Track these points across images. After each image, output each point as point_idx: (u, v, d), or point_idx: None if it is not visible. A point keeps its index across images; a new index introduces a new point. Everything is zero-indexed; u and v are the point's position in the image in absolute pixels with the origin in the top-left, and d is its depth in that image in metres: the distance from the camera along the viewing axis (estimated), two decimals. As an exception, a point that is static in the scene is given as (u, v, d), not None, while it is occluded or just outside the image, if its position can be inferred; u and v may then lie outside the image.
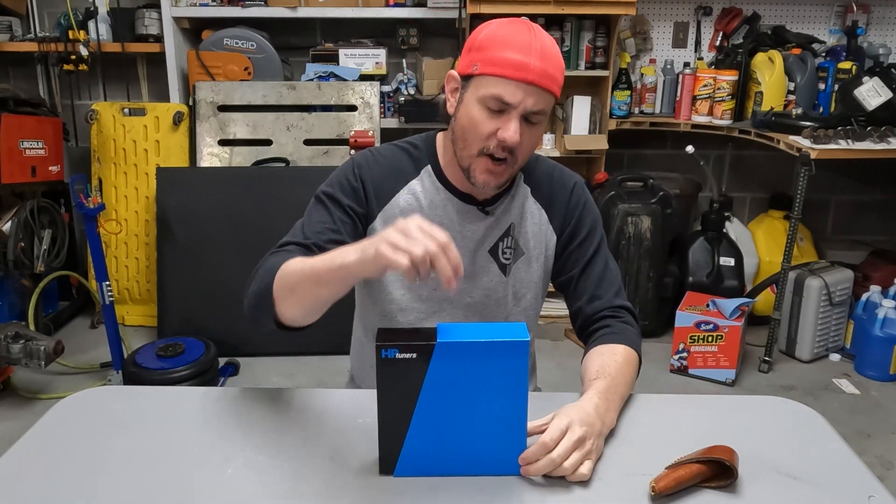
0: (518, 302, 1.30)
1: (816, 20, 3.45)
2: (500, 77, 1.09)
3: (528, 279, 1.29)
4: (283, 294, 1.05)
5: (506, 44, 1.10)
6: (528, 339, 0.92)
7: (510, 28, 1.13)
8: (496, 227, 1.26)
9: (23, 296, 2.93)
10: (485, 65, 1.11)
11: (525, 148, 1.14)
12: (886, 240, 3.70)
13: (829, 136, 2.68)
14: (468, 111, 1.13)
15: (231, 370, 2.82)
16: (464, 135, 1.15)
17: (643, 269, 3.10)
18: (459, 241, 1.23)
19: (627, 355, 1.18)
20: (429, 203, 1.24)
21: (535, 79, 1.08)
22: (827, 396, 2.77)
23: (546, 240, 1.29)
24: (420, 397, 0.92)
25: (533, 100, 1.09)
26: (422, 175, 1.25)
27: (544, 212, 1.29)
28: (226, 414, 1.13)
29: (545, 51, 1.10)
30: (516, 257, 1.28)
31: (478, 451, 0.96)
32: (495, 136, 1.11)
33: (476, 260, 1.26)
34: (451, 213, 1.24)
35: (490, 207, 1.24)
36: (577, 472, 0.95)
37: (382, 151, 1.27)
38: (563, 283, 1.32)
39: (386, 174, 1.24)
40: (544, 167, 1.32)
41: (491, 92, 1.10)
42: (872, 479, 0.99)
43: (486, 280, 1.27)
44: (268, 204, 2.96)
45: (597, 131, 3.29)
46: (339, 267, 0.96)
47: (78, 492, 0.93)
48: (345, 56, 3.30)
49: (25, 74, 3.48)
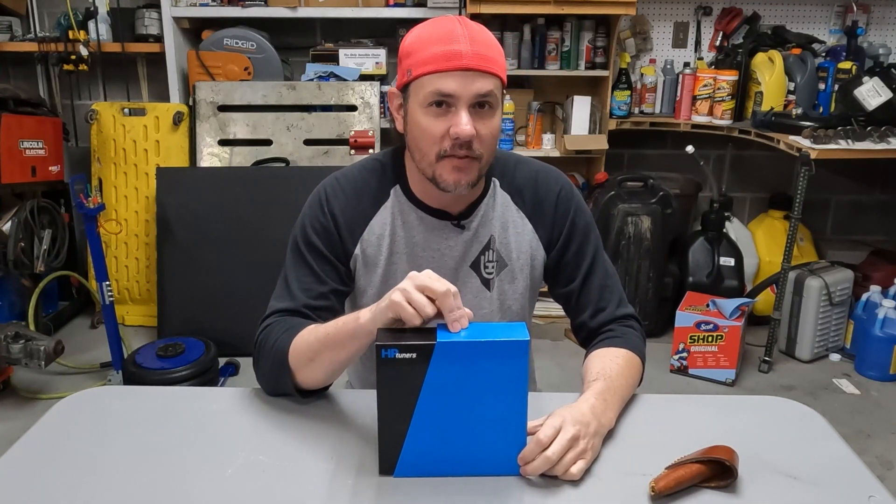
0: (505, 314, 1.26)
1: (816, 20, 3.45)
2: (433, 73, 1.05)
3: (512, 291, 1.25)
4: (301, 364, 1.08)
5: (431, 40, 1.06)
6: (528, 338, 0.92)
7: (433, 25, 1.09)
8: (475, 242, 1.22)
9: (23, 296, 2.93)
10: (416, 67, 1.07)
11: (485, 139, 1.09)
12: (886, 240, 3.70)
13: (829, 136, 2.68)
14: (415, 120, 1.09)
15: (231, 370, 2.83)
16: (418, 144, 1.10)
17: (643, 269, 3.10)
18: (438, 261, 1.21)
19: (629, 359, 1.17)
20: (402, 224, 1.20)
21: (470, 63, 1.04)
22: (827, 396, 2.77)
23: (532, 251, 1.25)
24: (420, 397, 0.92)
25: (476, 85, 1.05)
26: (392, 196, 1.21)
27: (528, 221, 1.24)
28: (226, 414, 1.13)
29: (474, 35, 1.06)
30: (499, 269, 1.23)
31: (478, 451, 0.96)
32: (448, 135, 1.06)
33: (458, 276, 1.22)
34: (426, 233, 1.20)
35: (465, 221, 1.20)
36: (568, 471, 0.94)
37: (350, 177, 1.22)
38: (562, 295, 1.28)
39: (356, 202, 1.20)
40: (525, 172, 1.25)
41: (429, 90, 1.05)
42: (872, 479, 0.99)
43: (470, 297, 1.23)
44: (268, 204, 2.96)
45: (597, 131, 3.29)
46: (353, 330, 0.99)
47: (78, 492, 0.93)
48: (345, 56, 3.30)
49: (25, 74, 3.48)
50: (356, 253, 1.21)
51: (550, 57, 3.23)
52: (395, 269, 1.21)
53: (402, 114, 1.14)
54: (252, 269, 2.93)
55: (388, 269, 1.21)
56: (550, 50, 3.22)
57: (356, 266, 1.22)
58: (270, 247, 2.83)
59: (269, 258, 2.75)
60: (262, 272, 2.85)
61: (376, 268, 1.21)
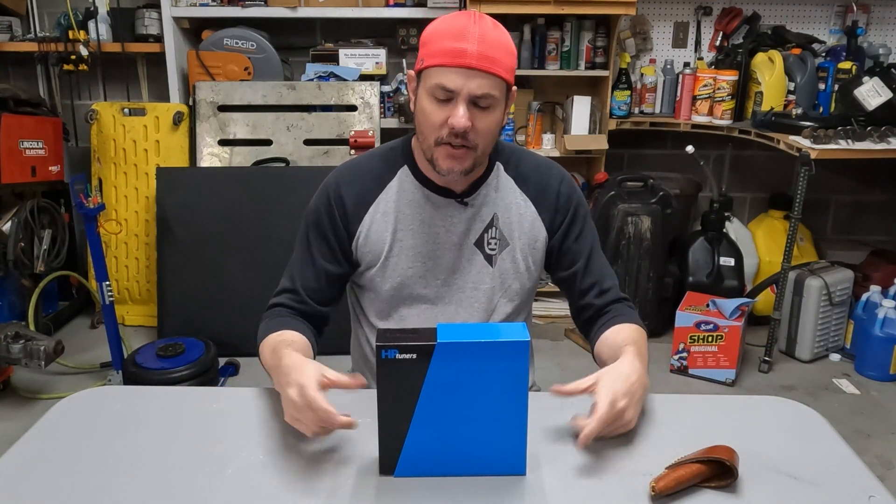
0: (505, 292, 1.31)
1: (816, 20, 3.45)
2: (440, 66, 1.12)
3: (513, 269, 1.30)
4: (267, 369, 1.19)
5: (445, 34, 1.13)
6: (528, 339, 0.92)
7: (451, 19, 1.15)
8: (478, 219, 1.28)
9: (23, 296, 2.93)
10: (428, 58, 1.14)
11: (481, 132, 1.15)
12: (886, 240, 3.70)
13: (829, 136, 2.68)
14: (421, 104, 1.17)
15: (231, 370, 2.82)
16: (421, 127, 1.19)
17: (643, 269, 3.10)
18: (443, 236, 1.27)
19: (642, 332, 1.26)
20: (408, 202, 1.27)
21: (474, 62, 1.10)
22: (827, 396, 2.77)
23: (534, 233, 1.30)
24: (420, 398, 0.92)
25: (475, 83, 1.11)
26: (398, 176, 1.28)
27: (531, 204, 1.30)
28: (226, 414, 1.13)
29: (485, 35, 1.12)
30: (501, 248, 1.29)
31: (478, 451, 0.96)
32: (447, 124, 1.13)
33: (462, 253, 1.28)
34: (431, 210, 1.27)
35: (469, 198, 1.27)
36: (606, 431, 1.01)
37: (358, 162, 1.31)
38: (565, 278, 1.34)
39: (362, 185, 1.28)
40: (529, 161, 1.33)
41: (434, 82, 1.12)
42: (873, 479, 0.99)
43: (474, 272, 1.29)
44: (268, 204, 2.96)
45: (597, 131, 3.29)
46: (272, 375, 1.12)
47: (78, 492, 0.94)
48: (345, 56, 3.30)
49: (25, 74, 3.47)
50: (359, 231, 1.27)
51: (550, 57, 3.23)
52: (401, 246, 1.27)
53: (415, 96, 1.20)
54: (252, 269, 2.93)
55: (394, 245, 1.27)
56: (550, 50, 3.22)
57: (358, 244, 1.28)
58: (270, 247, 2.83)
59: (269, 258, 2.75)
60: (262, 272, 2.85)
61: (382, 244, 1.27)
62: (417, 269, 1.28)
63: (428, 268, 1.28)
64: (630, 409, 1.03)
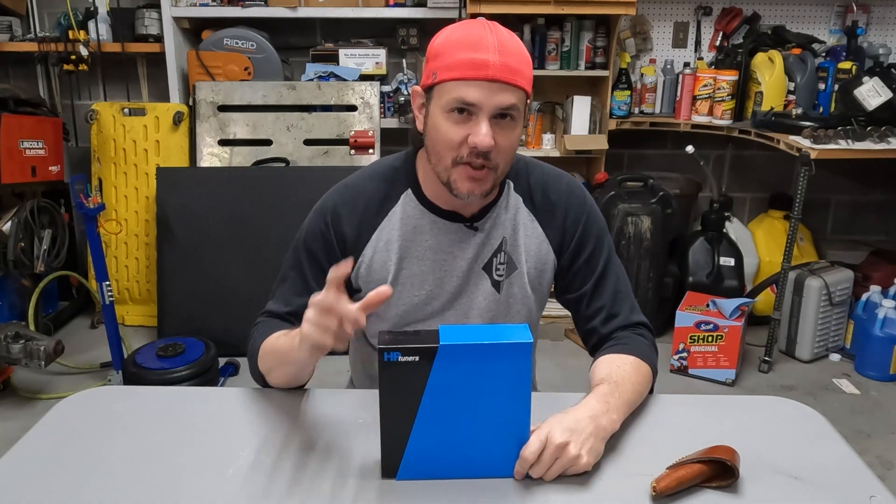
0: (512, 318, 1.24)
1: (816, 20, 3.45)
2: (458, 80, 1.03)
3: (521, 294, 1.24)
4: (267, 370, 1.16)
5: (460, 45, 1.05)
6: (530, 340, 0.91)
7: (464, 29, 1.07)
8: (487, 244, 1.20)
9: (23, 296, 2.93)
10: (442, 71, 1.05)
11: (503, 150, 1.07)
12: (886, 240, 3.70)
13: (829, 136, 2.68)
14: (435, 123, 1.08)
15: (231, 370, 2.82)
16: (435, 148, 1.09)
17: (643, 269, 3.10)
18: (451, 263, 1.20)
19: (637, 365, 1.15)
20: (412, 229, 1.19)
21: (496, 74, 1.03)
22: (827, 396, 2.77)
23: (542, 255, 1.23)
24: (422, 400, 0.92)
25: (498, 97, 1.03)
26: (402, 201, 1.19)
27: (538, 224, 1.22)
28: (226, 414, 1.13)
29: (503, 45, 1.04)
30: (509, 272, 1.22)
31: (481, 453, 0.95)
32: (466, 143, 1.05)
33: (470, 278, 1.21)
34: (439, 236, 1.19)
35: (478, 223, 1.19)
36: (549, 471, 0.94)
37: (358, 186, 1.21)
38: (572, 301, 1.26)
39: (363, 213, 1.19)
40: (537, 175, 1.24)
41: (452, 96, 1.04)
42: (873, 479, 0.99)
43: (480, 299, 1.22)
44: (268, 204, 2.96)
45: (597, 131, 3.29)
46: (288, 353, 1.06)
47: (78, 492, 0.93)
48: (345, 56, 3.30)
49: (25, 74, 3.47)
50: (360, 261, 1.20)
51: (550, 57, 3.23)
52: (406, 274, 1.20)
53: (424, 114, 1.12)
54: (252, 269, 2.93)
55: (399, 274, 1.20)
56: (550, 50, 3.22)
57: (359, 274, 1.20)
58: (270, 247, 2.83)
59: (268, 258, 2.74)
60: (261, 272, 2.85)
61: (385, 273, 1.20)
62: (423, 297, 1.21)
63: (434, 295, 1.21)
64: (573, 446, 0.94)
